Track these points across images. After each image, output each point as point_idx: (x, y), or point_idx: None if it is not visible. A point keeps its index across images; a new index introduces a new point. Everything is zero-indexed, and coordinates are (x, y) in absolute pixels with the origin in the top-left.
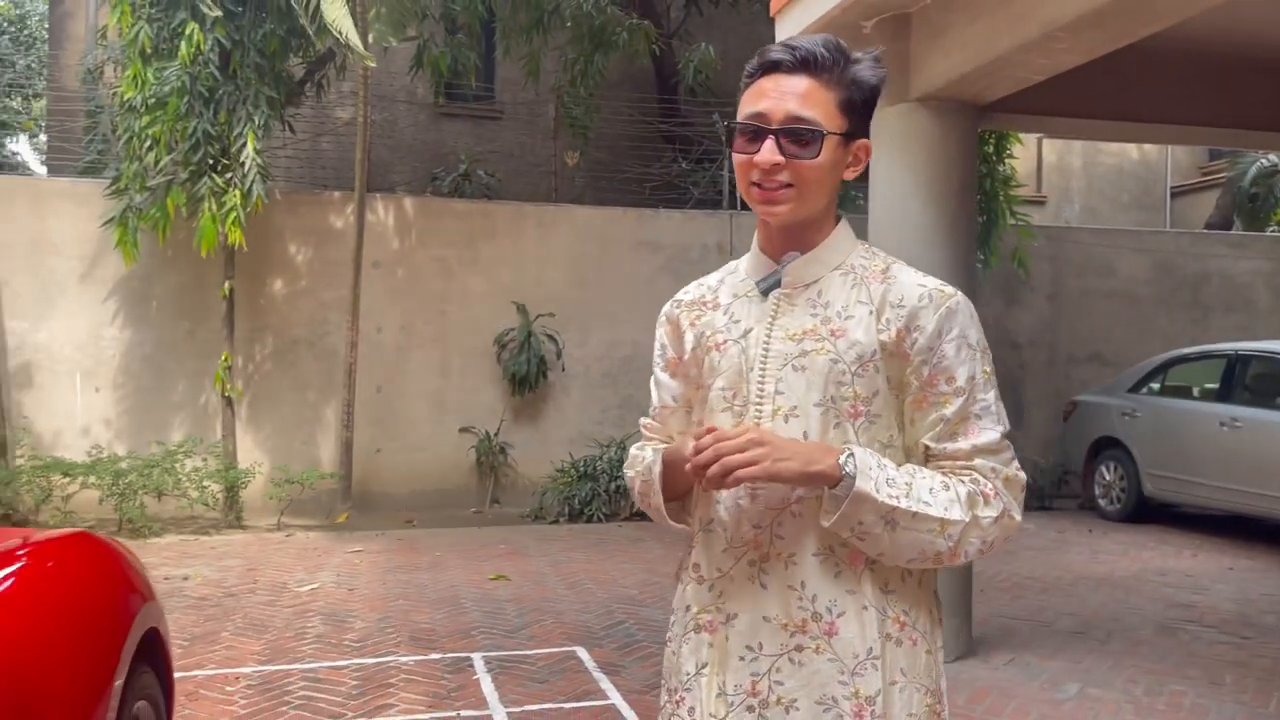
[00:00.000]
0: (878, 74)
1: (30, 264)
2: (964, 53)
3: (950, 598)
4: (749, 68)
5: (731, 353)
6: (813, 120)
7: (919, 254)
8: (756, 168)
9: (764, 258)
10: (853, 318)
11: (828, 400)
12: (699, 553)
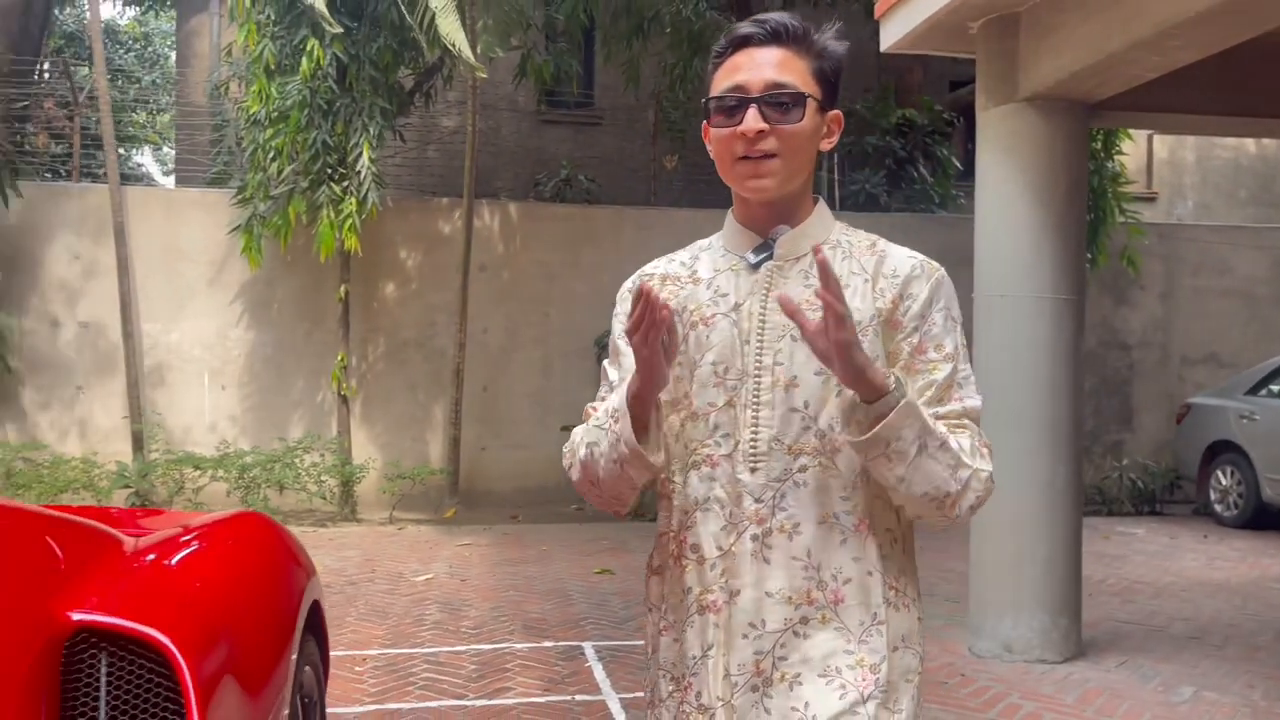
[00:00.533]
0: (843, 44)
1: (163, 269)
2: (1075, 52)
3: (1060, 599)
4: (718, 47)
5: (722, 326)
6: (793, 85)
7: (1027, 254)
8: (740, 139)
9: (747, 232)
10: (849, 287)
11: (826, 369)
12: (697, 533)
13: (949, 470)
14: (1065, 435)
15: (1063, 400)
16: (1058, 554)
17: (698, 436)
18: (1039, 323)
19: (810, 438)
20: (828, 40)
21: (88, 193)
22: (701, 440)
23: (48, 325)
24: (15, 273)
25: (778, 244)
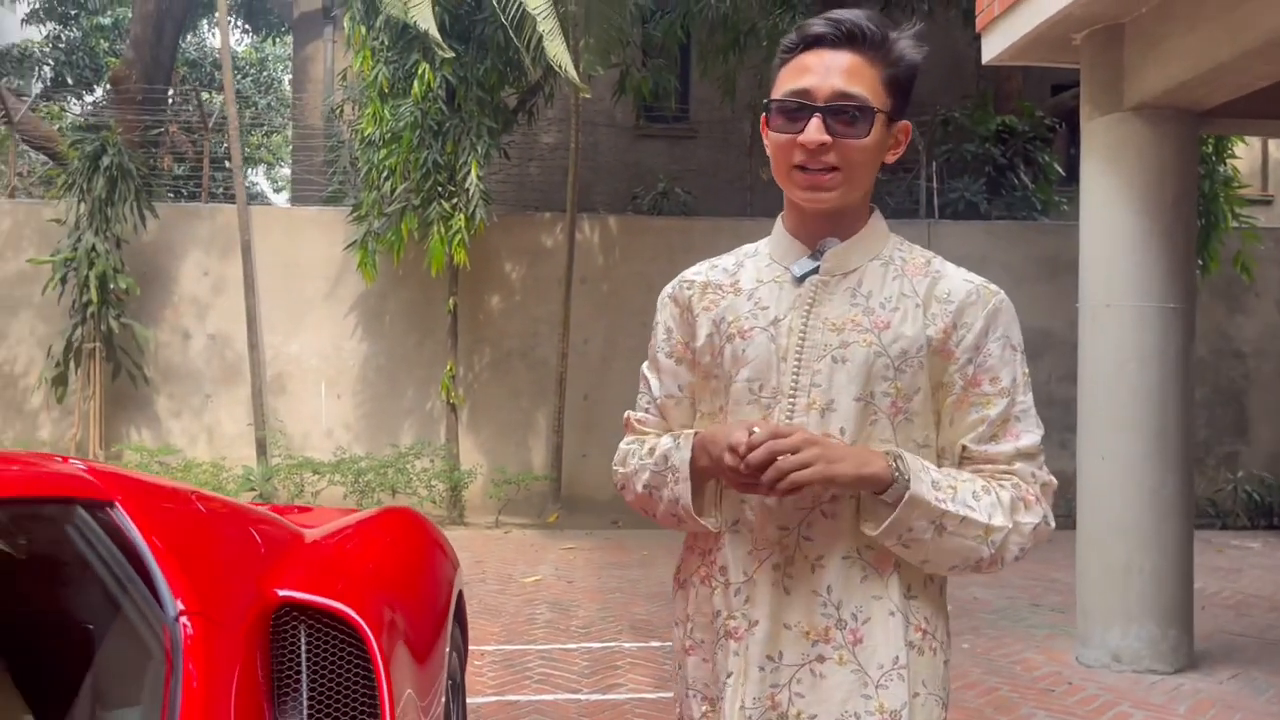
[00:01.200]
0: (920, 51)
1: (283, 284)
2: (1182, 62)
3: (1169, 610)
4: (787, 42)
5: (759, 341)
6: (861, 97)
7: (1133, 263)
8: (800, 148)
9: (795, 243)
10: (898, 310)
11: (866, 395)
12: (726, 555)
13: (976, 540)
14: (1175, 444)
15: (1171, 409)
16: (1167, 563)
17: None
18: (1146, 332)
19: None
20: (905, 47)
21: (216, 212)
22: None
23: (180, 337)
24: (150, 288)
25: (825, 257)
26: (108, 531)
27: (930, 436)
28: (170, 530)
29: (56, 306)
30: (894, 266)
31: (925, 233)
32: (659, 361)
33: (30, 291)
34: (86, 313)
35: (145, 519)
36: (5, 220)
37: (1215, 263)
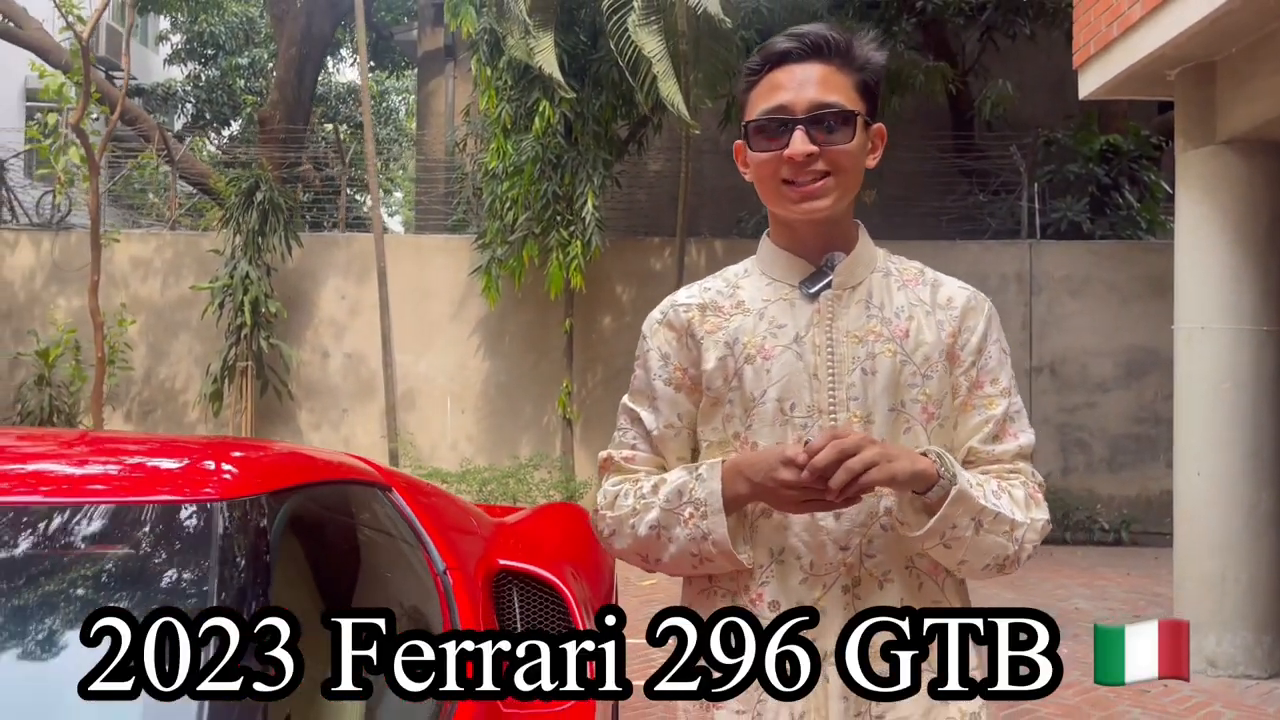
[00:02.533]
0: (882, 52)
1: (413, 307)
2: (1270, 99)
3: (1264, 618)
4: (751, 64)
5: (784, 359)
6: (839, 104)
7: (1227, 288)
8: (788, 163)
9: (795, 259)
10: (912, 319)
11: (899, 404)
12: (773, 589)
13: (1005, 537)
14: (1269, 462)
15: (1266, 429)
16: (1262, 574)
17: None
18: (1240, 353)
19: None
20: (869, 50)
21: (352, 241)
22: None
23: (320, 356)
24: (294, 311)
25: (835, 271)
26: (394, 507)
27: (952, 441)
28: (425, 509)
29: (210, 328)
30: (893, 277)
31: (1026, 253)
32: (655, 390)
33: (189, 315)
34: (240, 334)
35: (410, 500)
36: (168, 251)
37: None
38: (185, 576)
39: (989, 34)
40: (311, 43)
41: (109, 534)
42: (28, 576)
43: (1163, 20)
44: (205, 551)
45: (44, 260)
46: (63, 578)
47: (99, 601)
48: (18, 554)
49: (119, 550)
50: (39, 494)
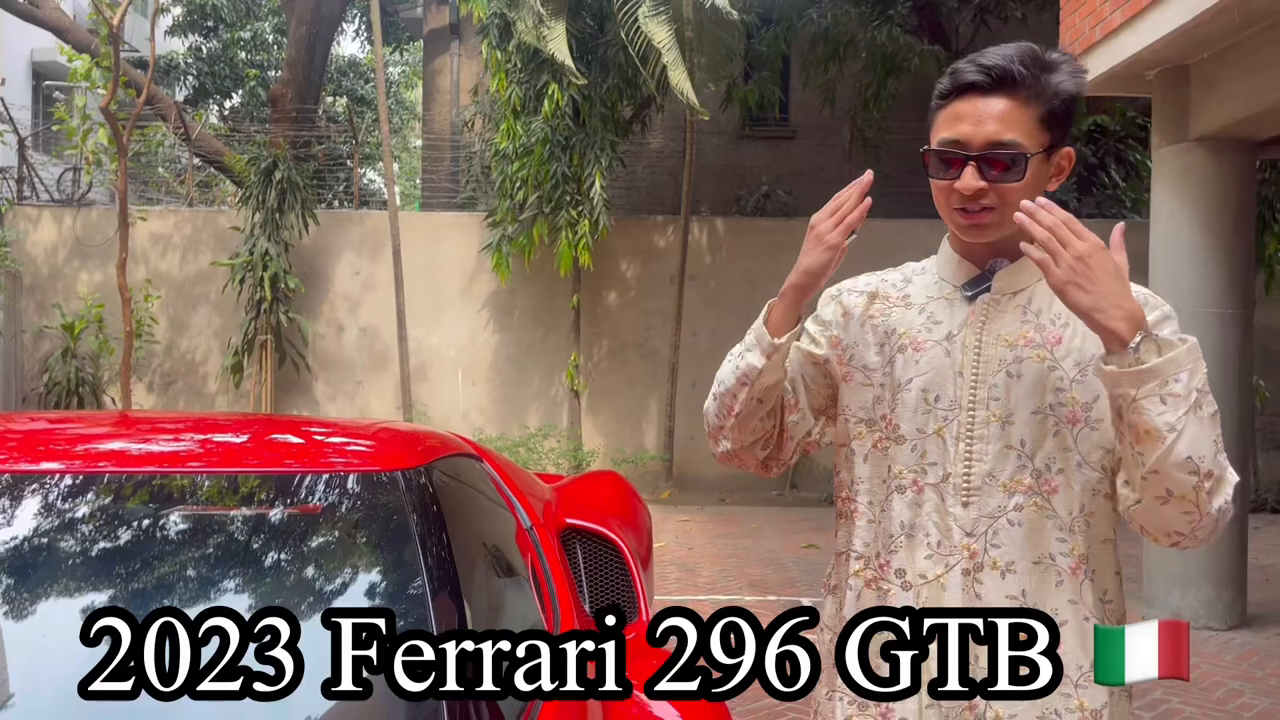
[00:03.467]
0: (1077, 80)
1: (425, 283)
2: (1238, 102)
3: (1224, 576)
4: (941, 88)
5: (934, 354)
6: (1014, 143)
7: (1196, 275)
8: (958, 193)
9: (964, 263)
10: (1069, 325)
11: (1045, 407)
12: (902, 558)
13: (1213, 445)
14: (1230, 434)
15: (1230, 402)
16: (1223, 537)
17: (902, 460)
18: (1206, 335)
19: (1026, 476)
20: (1060, 80)
21: (366, 218)
22: (908, 465)
23: (335, 330)
24: (310, 286)
25: (995, 278)
26: (488, 476)
27: (1118, 444)
28: (509, 477)
29: (227, 302)
30: None
31: None
32: (807, 328)
33: (207, 289)
34: (260, 309)
35: (498, 469)
36: (186, 227)
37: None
38: (392, 525)
39: (982, 16)
40: (321, 22)
41: (331, 495)
42: (274, 529)
43: (1141, 26)
44: (403, 509)
45: (65, 236)
46: (301, 528)
47: (336, 541)
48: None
49: (342, 507)
50: (271, 466)
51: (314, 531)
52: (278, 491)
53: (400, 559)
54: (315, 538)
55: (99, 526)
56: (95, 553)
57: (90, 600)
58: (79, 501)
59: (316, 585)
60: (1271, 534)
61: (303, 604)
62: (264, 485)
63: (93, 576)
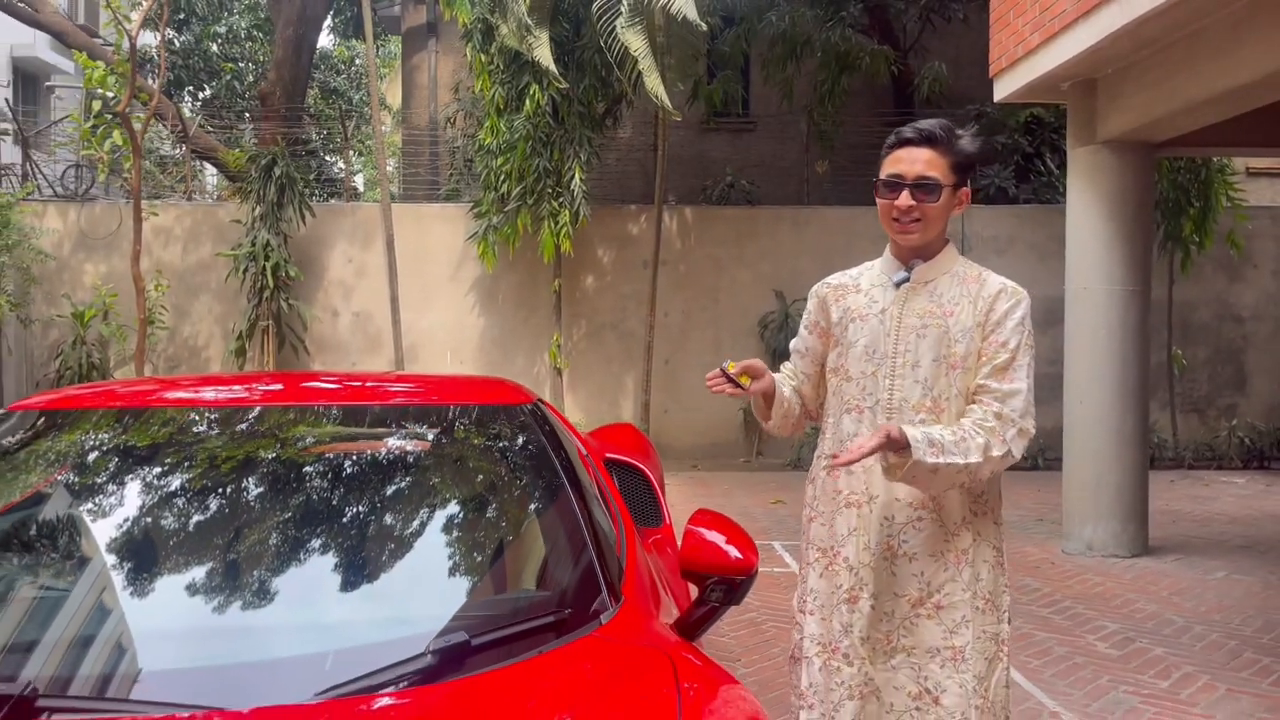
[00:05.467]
0: (975, 144)
1: (415, 270)
2: (1134, 113)
3: (1128, 512)
4: (889, 141)
5: (872, 323)
6: (933, 179)
7: (1103, 257)
8: (896, 209)
9: (895, 262)
10: (959, 305)
11: (940, 356)
12: (844, 448)
13: (960, 474)
14: (1133, 393)
15: (1131, 366)
16: (1126, 479)
17: (851, 393)
18: (1112, 308)
19: (926, 400)
20: (965, 143)
21: (358, 210)
22: (853, 396)
23: (330, 315)
24: (307, 274)
25: (913, 273)
26: (554, 414)
27: (972, 380)
28: (559, 419)
29: (227, 290)
30: (958, 277)
31: (959, 217)
32: (801, 331)
33: (208, 278)
34: (262, 296)
35: (551, 412)
36: (186, 220)
37: (1210, 240)
38: (532, 439)
39: (928, 16)
40: (306, 23)
41: (491, 418)
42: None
43: (1054, 48)
44: (534, 428)
45: (70, 229)
46: (476, 441)
47: (500, 449)
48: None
49: (498, 426)
50: (441, 399)
51: (488, 441)
52: (451, 416)
53: (544, 460)
54: (489, 446)
55: (317, 441)
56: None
57: (332, 484)
58: (299, 423)
59: (498, 478)
60: (1184, 486)
61: (490, 490)
62: (438, 412)
63: (329, 475)
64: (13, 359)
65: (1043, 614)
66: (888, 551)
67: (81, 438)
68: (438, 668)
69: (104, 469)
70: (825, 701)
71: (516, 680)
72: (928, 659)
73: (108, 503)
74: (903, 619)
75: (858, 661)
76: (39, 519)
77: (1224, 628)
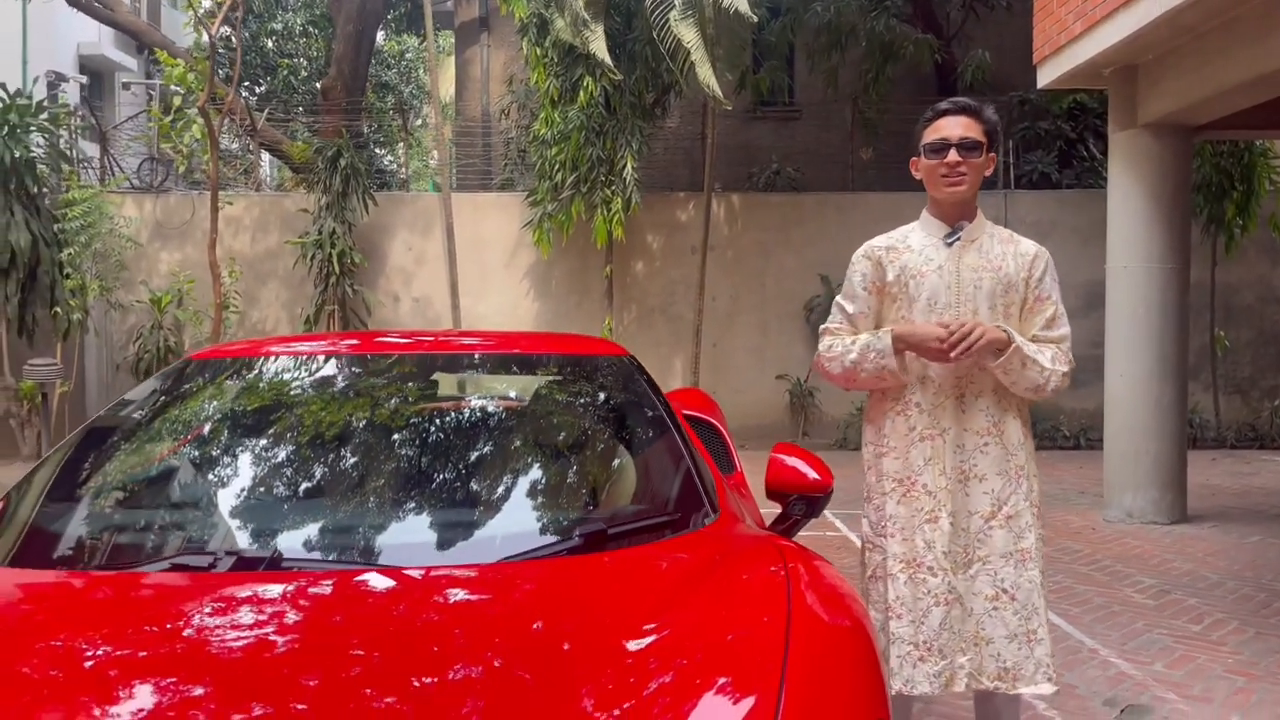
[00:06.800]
0: (997, 118)
1: (472, 257)
2: (1173, 96)
3: (1167, 481)
4: (928, 114)
5: (931, 278)
6: (976, 139)
7: (1142, 236)
8: (945, 165)
9: (940, 224)
10: (1004, 260)
11: (994, 304)
12: (917, 394)
13: (1038, 374)
14: (1171, 366)
15: (1169, 340)
16: (1165, 449)
17: None
18: (1151, 285)
19: (989, 350)
20: (990, 113)
21: (418, 199)
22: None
23: (391, 300)
24: (369, 261)
25: (964, 231)
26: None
27: (1019, 326)
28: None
29: (294, 277)
30: (996, 237)
31: (1002, 201)
32: (857, 292)
33: (275, 266)
34: (329, 283)
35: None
36: (255, 210)
37: (1253, 223)
38: (636, 385)
39: (971, 5)
40: (366, 19)
41: (600, 367)
42: (578, 385)
43: (1096, 35)
44: (635, 375)
45: (147, 220)
46: (594, 382)
47: (616, 391)
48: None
49: (608, 375)
50: (560, 350)
51: (604, 383)
52: (572, 363)
53: (649, 400)
54: (606, 386)
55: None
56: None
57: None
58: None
59: (617, 412)
60: (1226, 465)
61: (611, 422)
62: (561, 360)
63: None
64: (95, 342)
65: (1083, 571)
66: (961, 475)
67: (271, 372)
68: (584, 546)
69: (295, 394)
70: (913, 610)
71: (650, 555)
72: (1001, 563)
73: (315, 417)
74: (977, 532)
75: (941, 573)
76: (267, 425)
77: (1255, 583)
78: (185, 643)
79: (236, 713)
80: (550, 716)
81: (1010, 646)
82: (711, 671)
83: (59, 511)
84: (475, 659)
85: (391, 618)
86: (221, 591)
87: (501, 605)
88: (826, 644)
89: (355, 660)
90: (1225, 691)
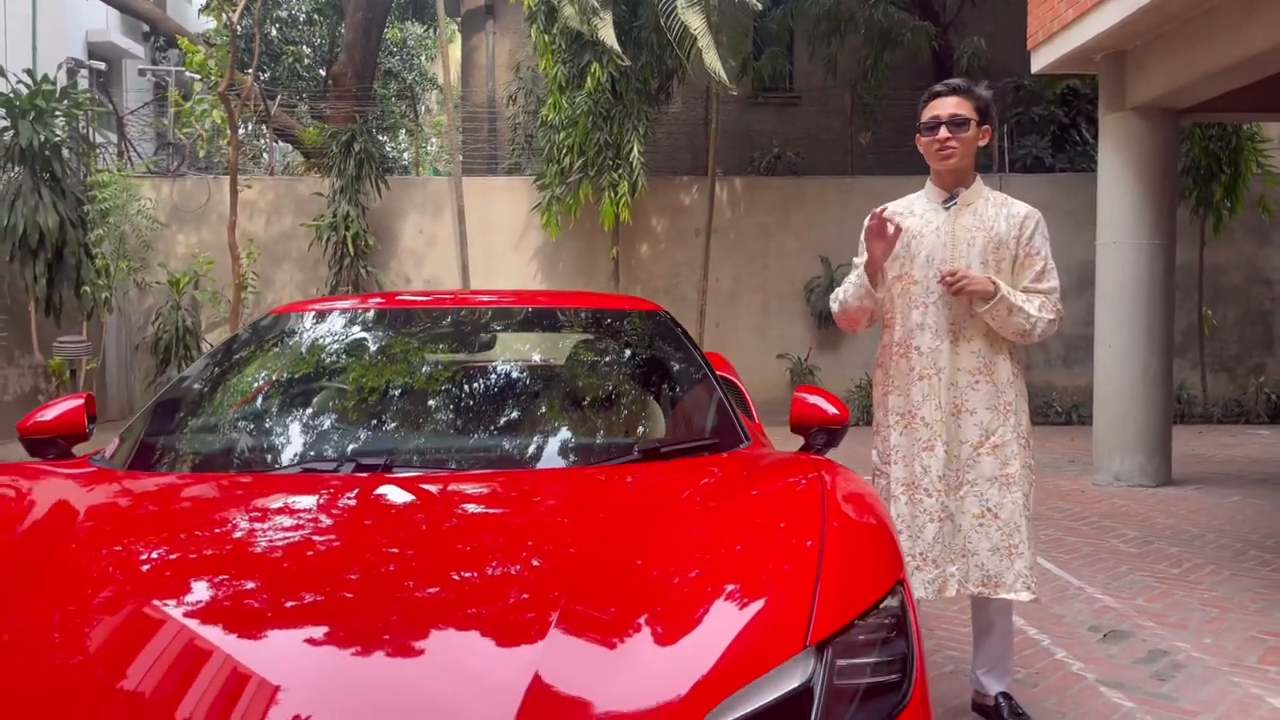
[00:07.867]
0: (989, 93)
1: (481, 239)
2: (1159, 80)
3: (1152, 446)
4: (925, 96)
5: (929, 238)
6: (965, 116)
7: (1131, 213)
8: (937, 141)
9: (939, 190)
10: (996, 221)
11: (986, 260)
12: (917, 341)
13: (1025, 321)
14: (1157, 338)
15: (1156, 313)
16: (1152, 416)
17: (916, 293)
18: (1139, 260)
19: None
20: (980, 92)
21: (428, 183)
22: (918, 294)
23: (403, 281)
24: (382, 243)
25: (959, 198)
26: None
27: (1008, 279)
28: None
29: (308, 258)
30: (990, 201)
31: (997, 184)
32: (861, 251)
33: (289, 248)
34: (343, 264)
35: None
36: (270, 193)
37: (1241, 205)
38: (674, 336)
39: (971, 3)
40: (375, 7)
41: (640, 319)
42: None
43: (1087, 22)
44: (672, 329)
45: (163, 202)
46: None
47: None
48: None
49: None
50: (603, 306)
51: (649, 333)
52: (620, 316)
53: (687, 348)
54: (651, 335)
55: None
56: None
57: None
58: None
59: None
60: (1212, 437)
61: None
62: (612, 314)
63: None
64: (116, 322)
65: (1072, 525)
66: (954, 409)
67: (354, 320)
68: (645, 458)
69: (377, 336)
70: (911, 526)
71: (704, 464)
72: (987, 485)
73: (408, 356)
74: (966, 459)
75: (936, 494)
76: (362, 358)
77: (1233, 535)
78: (341, 530)
79: (409, 578)
80: (624, 576)
81: (993, 558)
82: (762, 548)
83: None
84: (566, 528)
85: (499, 503)
86: (347, 493)
87: (585, 495)
88: (856, 531)
89: (484, 527)
90: (1199, 621)
